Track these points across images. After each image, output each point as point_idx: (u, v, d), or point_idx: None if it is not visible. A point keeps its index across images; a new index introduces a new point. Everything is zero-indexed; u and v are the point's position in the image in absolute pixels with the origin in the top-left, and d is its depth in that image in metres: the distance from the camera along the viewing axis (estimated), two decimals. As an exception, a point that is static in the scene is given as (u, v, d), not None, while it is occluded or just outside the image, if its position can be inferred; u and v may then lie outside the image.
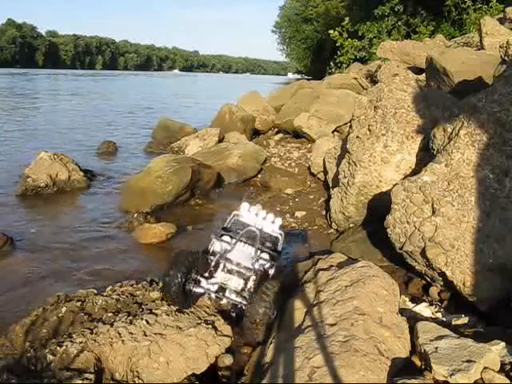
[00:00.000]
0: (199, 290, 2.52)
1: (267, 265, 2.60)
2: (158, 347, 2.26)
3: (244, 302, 2.43)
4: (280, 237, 2.81)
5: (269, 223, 2.84)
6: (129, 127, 11.73)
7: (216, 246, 2.67)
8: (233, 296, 2.50)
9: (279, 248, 2.77)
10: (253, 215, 2.85)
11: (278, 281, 2.44)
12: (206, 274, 2.54)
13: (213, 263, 2.55)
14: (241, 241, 2.61)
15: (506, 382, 1.74)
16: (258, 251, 2.57)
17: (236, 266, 2.53)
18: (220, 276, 2.55)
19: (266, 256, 2.60)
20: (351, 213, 3.88)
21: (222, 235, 2.69)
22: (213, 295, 2.54)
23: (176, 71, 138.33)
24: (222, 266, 2.58)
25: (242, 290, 2.50)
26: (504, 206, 2.50)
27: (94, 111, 14.98)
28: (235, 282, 2.53)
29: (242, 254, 2.57)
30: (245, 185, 6.01)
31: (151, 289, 2.84)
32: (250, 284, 2.51)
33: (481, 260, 2.47)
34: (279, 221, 2.91)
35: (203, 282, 2.52)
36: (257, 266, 2.53)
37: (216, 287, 2.52)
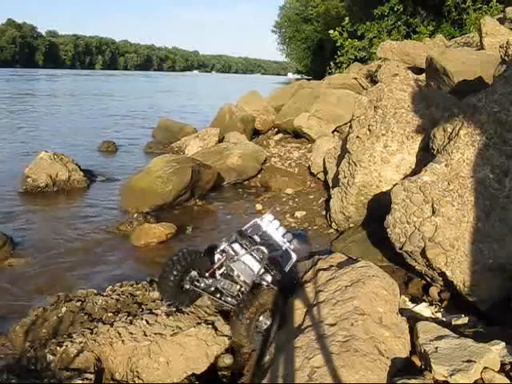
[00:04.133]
0: (196, 290, 2.52)
1: (266, 282, 2.55)
2: (158, 347, 2.26)
3: (234, 302, 2.46)
4: (292, 258, 2.74)
5: (286, 241, 2.79)
6: (129, 127, 11.73)
7: (225, 247, 2.64)
8: (228, 299, 2.52)
9: (287, 268, 2.70)
10: (273, 228, 2.81)
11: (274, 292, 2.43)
12: (207, 274, 2.54)
13: (216, 265, 2.56)
14: (250, 254, 2.56)
15: (506, 382, 1.74)
16: (262, 270, 2.53)
17: (236, 277, 2.54)
18: (220, 279, 2.55)
19: (268, 277, 2.55)
20: (351, 213, 3.88)
21: (233, 242, 2.62)
22: (208, 296, 2.55)
23: (196, 72, 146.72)
24: (223, 269, 2.57)
25: (237, 295, 2.53)
26: (504, 206, 2.50)
27: (94, 111, 14.97)
28: (232, 288, 2.54)
29: (246, 267, 2.54)
30: (245, 185, 6.01)
31: (151, 289, 2.84)
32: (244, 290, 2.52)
33: (481, 260, 2.47)
34: (296, 243, 2.86)
35: (201, 282, 2.51)
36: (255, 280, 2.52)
37: (213, 289, 2.53)
